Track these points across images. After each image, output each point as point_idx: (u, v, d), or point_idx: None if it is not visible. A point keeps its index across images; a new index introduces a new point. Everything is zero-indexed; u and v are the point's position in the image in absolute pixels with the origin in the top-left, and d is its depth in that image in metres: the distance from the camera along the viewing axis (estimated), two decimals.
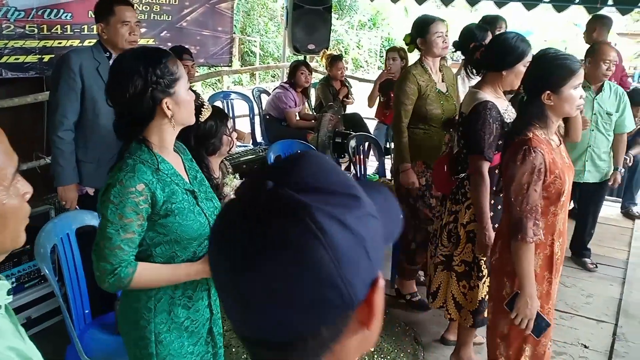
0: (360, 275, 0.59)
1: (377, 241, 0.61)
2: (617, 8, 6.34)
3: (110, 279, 1.65)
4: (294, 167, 0.61)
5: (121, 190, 1.62)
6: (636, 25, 25.04)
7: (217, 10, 5.55)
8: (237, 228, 0.59)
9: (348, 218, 0.58)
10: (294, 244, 0.56)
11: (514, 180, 2.12)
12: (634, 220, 5.55)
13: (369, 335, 0.63)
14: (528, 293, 2.17)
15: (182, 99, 1.71)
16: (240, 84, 15.29)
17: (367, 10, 20.24)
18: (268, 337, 0.60)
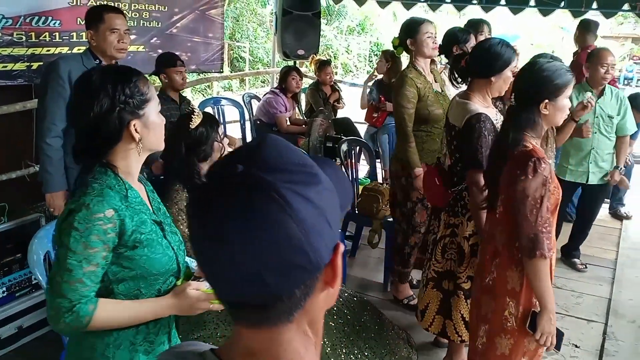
0: (325, 242, 0.67)
1: (335, 211, 0.71)
2: (601, 12, 6.44)
3: (66, 318, 1.44)
4: (258, 150, 0.69)
5: (87, 215, 1.44)
6: (620, 28, 25.29)
7: (208, 17, 5.56)
8: (215, 205, 0.66)
9: (309, 193, 0.66)
10: (267, 218, 0.63)
11: (528, 196, 2.03)
12: (622, 221, 5.61)
13: (332, 293, 0.73)
14: (551, 309, 2.09)
15: (152, 122, 1.55)
16: (230, 89, 15.30)
17: (356, 15, 20.32)
18: (248, 299, 0.68)
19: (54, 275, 1.47)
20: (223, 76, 10.91)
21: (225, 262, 0.66)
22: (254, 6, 17.76)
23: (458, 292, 2.85)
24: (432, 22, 3.56)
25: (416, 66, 3.48)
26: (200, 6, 5.43)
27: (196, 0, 5.38)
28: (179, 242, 1.71)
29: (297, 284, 0.67)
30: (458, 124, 2.73)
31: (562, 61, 2.89)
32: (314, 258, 0.66)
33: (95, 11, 3.04)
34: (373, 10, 16.34)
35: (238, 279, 0.66)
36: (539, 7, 6.56)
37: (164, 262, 1.59)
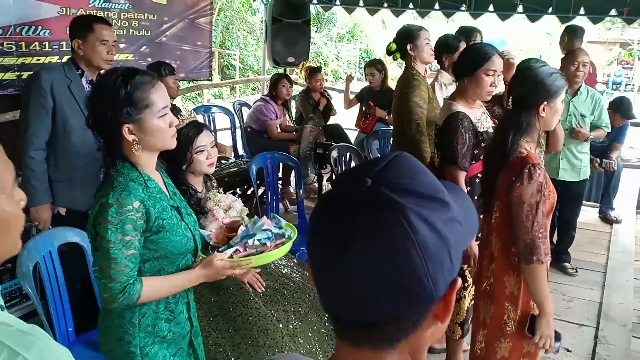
0: (443, 274, 0.65)
1: (459, 245, 0.68)
2: (588, 17, 6.50)
3: (120, 298, 1.67)
4: (390, 167, 0.68)
5: (119, 209, 1.63)
6: (608, 34, 25.51)
7: (196, 25, 5.57)
8: (339, 218, 0.66)
9: (437, 221, 0.64)
10: (390, 239, 0.62)
11: (525, 202, 2.04)
12: (612, 225, 5.63)
13: (440, 328, 0.70)
14: (549, 313, 2.10)
15: (150, 127, 1.69)
16: (221, 97, 15.30)
17: (346, 22, 20.42)
18: (358, 316, 0.67)
19: (100, 264, 1.68)
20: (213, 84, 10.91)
21: (342, 275, 0.66)
22: (244, 14, 17.80)
23: None
24: (427, 30, 3.61)
25: (418, 71, 3.51)
26: (189, 15, 5.44)
27: (185, 9, 5.40)
28: (194, 222, 1.93)
29: (407, 311, 0.66)
30: (439, 123, 2.82)
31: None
32: (429, 287, 0.64)
33: (84, 20, 3.01)
34: (362, 17, 16.39)
35: (351, 294, 0.66)
36: (527, 13, 6.62)
37: (183, 243, 1.80)
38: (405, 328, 0.67)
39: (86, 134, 2.89)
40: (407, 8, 7.15)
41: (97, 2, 4.42)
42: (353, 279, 0.64)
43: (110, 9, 4.55)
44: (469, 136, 2.65)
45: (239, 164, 4.72)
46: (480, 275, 2.37)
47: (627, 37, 25.28)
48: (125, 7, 4.69)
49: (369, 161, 0.71)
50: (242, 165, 4.60)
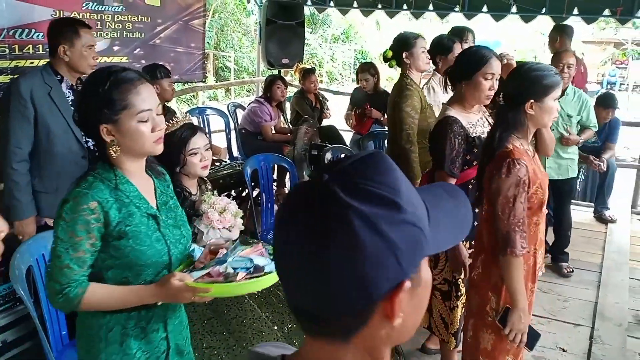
0: (386, 276, 0.65)
1: (413, 248, 0.68)
2: (582, 17, 6.51)
3: (59, 299, 1.60)
4: (354, 165, 0.69)
5: (73, 207, 1.57)
6: (602, 33, 25.62)
7: (190, 27, 5.56)
8: (289, 211, 0.69)
9: (382, 223, 0.64)
10: (328, 237, 0.64)
11: (500, 194, 2.10)
12: (607, 225, 5.64)
13: (399, 330, 0.70)
14: (521, 307, 2.13)
15: (127, 130, 1.61)
16: (216, 99, 15.29)
17: (340, 24, 20.44)
18: (311, 310, 0.69)
19: (49, 260, 1.63)
20: (208, 86, 10.89)
21: (287, 268, 0.69)
22: (238, 16, 17.80)
23: (435, 293, 2.88)
24: (424, 37, 3.58)
25: (413, 78, 3.48)
26: (182, 17, 5.44)
27: (179, 11, 5.39)
28: (180, 236, 1.80)
29: (347, 308, 0.67)
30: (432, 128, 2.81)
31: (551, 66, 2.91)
32: (367, 289, 0.65)
33: (69, 25, 2.91)
34: (357, 18, 16.43)
35: (295, 287, 0.69)
36: (521, 14, 6.62)
37: (149, 254, 1.68)
38: (350, 324, 0.69)
39: (70, 141, 2.89)
40: (401, 9, 7.15)
41: (90, 4, 4.41)
42: (296, 272, 0.68)
43: (103, 12, 4.53)
44: (458, 141, 2.60)
45: (234, 165, 4.71)
46: (472, 266, 2.42)
47: (621, 37, 25.40)
48: (118, 9, 4.67)
49: (345, 156, 0.72)
50: (237, 167, 4.59)
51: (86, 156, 2.90)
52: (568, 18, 6.45)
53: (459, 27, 4.66)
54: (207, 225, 2.44)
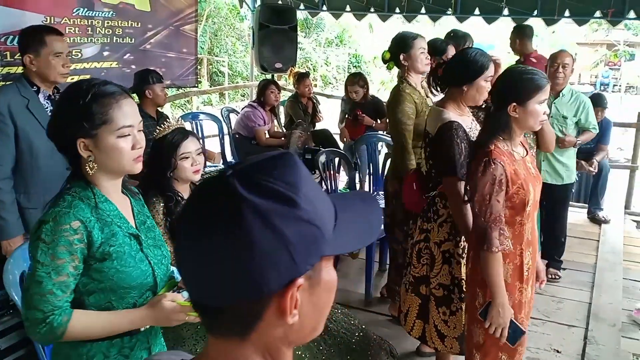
0: (277, 271, 0.66)
1: (308, 246, 0.68)
2: (573, 19, 6.55)
3: (41, 329, 1.47)
4: (257, 163, 0.70)
5: (54, 227, 1.46)
6: (595, 35, 25.72)
7: (182, 33, 5.56)
8: (191, 205, 0.71)
9: (276, 218, 0.65)
10: (218, 227, 0.65)
11: (477, 192, 2.16)
12: (600, 225, 5.64)
13: (297, 329, 0.71)
14: (499, 302, 2.18)
15: (105, 145, 1.52)
16: (210, 104, 15.30)
17: (334, 27, 20.47)
18: (206, 301, 0.70)
19: (27, 287, 1.49)
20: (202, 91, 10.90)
21: (185, 260, 0.70)
22: (232, 21, 17.82)
23: (431, 298, 2.82)
24: (424, 37, 3.51)
25: (410, 81, 3.43)
26: (174, 22, 5.44)
27: (170, 16, 5.39)
28: (161, 257, 1.71)
29: (235, 300, 0.67)
30: (432, 131, 2.75)
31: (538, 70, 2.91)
32: (256, 283, 0.65)
33: (34, 33, 2.80)
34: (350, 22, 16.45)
35: (188, 275, 0.71)
36: (513, 16, 6.65)
37: (135, 275, 1.59)
38: (244, 318, 0.69)
39: (54, 154, 2.76)
40: (394, 13, 7.18)
41: (80, 10, 4.41)
42: (193, 265, 0.69)
43: (94, 17, 4.54)
44: (464, 146, 2.59)
45: None
46: (467, 261, 2.47)
47: (613, 39, 25.52)
48: (109, 14, 4.68)
49: (255, 156, 0.73)
50: None
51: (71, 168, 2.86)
52: (560, 20, 6.50)
53: (460, 32, 4.64)
54: None
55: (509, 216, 2.21)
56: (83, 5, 4.46)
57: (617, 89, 24.27)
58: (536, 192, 2.27)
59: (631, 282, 4.47)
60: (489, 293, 2.24)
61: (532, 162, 2.35)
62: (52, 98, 2.86)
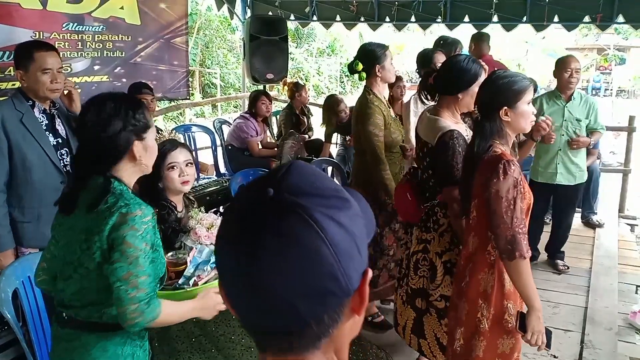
0: (355, 267, 0.67)
1: (363, 238, 0.70)
2: (563, 25, 6.60)
3: (146, 311, 1.66)
4: (288, 174, 0.69)
5: (142, 218, 1.67)
6: (585, 40, 25.89)
7: (172, 45, 5.57)
8: (246, 230, 0.66)
9: (341, 217, 0.66)
10: (301, 242, 0.64)
11: (502, 197, 2.06)
12: (595, 229, 5.66)
13: (358, 321, 0.73)
14: (538, 308, 2.11)
15: (150, 146, 1.81)
16: (203, 116, 15.28)
17: (325, 37, 20.55)
18: (278, 327, 0.68)
19: (124, 275, 1.64)
20: (194, 103, 10.89)
21: (256, 289, 0.66)
22: (223, 32, 17.86)
23: (430, 310, 2.79)
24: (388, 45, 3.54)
25: (375, 92, 3.43)
26: (164, 35, 5.45)
27: (160, 30, 5.40)
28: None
29: (326, 310, 0.67)
30: (430, 141, 2.71)
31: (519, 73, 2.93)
32: (344, 283, 0.66)
33: (24, 49, 2.79)
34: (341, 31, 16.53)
35: (268, 306, 0.66)
36: (502, 23, 6.70)
37: (161, 267, 1.81)
38: (326, 327, 0.68)
39: (47, 168, 2.80)
40: (384, 22, 7.21)
41: (70, 25, 4.41)
42: (268, 290, 0.65)
43: (84, 32, 4.54)
44: (463, 155, 2.55)
45: (221, 182, 4.69)
46: (460, 277, 2.38)
47: (603, 43, 25.71)
48: (99, 29, 4.68)
49: (266, 173, 0.73)
50: (224, 183, 4.58)
51: (65, 181, 2.83)
52: (549, 26, 6.53)
53: (449, 38, 4.67)
54: (194, 241, 2.43)
55: None
56: (73, 20, 4.47)
57: (608, 93, 24.41)
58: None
59: (626, 285, 4.47)
60: (495, 304, 2.19)
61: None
62: (47, 112, 2.86)
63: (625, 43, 26.44)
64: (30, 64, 2.72)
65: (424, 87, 2.95)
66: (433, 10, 6.87)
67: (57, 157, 2.82)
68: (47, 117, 2.86)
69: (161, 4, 5.42)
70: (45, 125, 2.83)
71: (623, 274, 4.66)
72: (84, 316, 1.77)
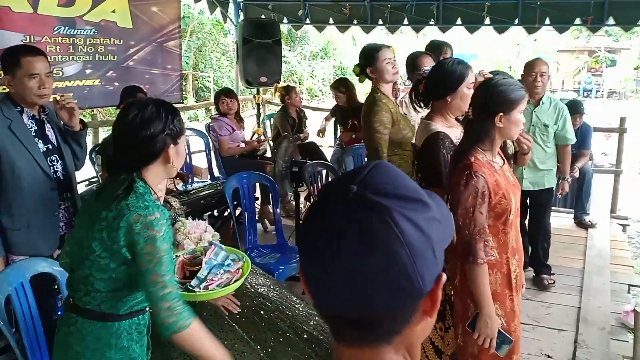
0: (429, 270, 0.69)
1: (441, 242, 0.72)
2: (554, 27, 6.64)
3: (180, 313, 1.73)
4: (372, 174, 0.72)
5: (160, 221, 1.74)
6: (576, 42, 26.02)
7: (165, 49, 5.57)
8: (330, 224, 0.70)
9: (420, 220, 0.69)
10: (379, 240, 0.67)
11: (460, 205, 2.15)
12: (587, 230, 5.68)
13: (430, 323, 0.75)
14: (487, 313, 2.19)
15: (181, 151, 1.91)
16: (197, 119, 15.25)
17: (318, 40, 20.56)
18: (352, 315, 0.70)
19: (153, 278, 1.71)
20: (188, 106, 10.88)
21: (336, 276, 0.69)
22: (216, 36, 17.84)
23: None
24: (389, 46, 3.51)
25: (383, 91, 3.43)
26: (157, 38, 5.45)
27: (153, 33, 5.40)
28: None
29: (399, 307, 0.70)
30: (419, 144, 2.75)
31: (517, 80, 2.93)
32: (417, 284, 0.68)
33: (11, 54, 2.76)
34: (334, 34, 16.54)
35: (346, 294, 0.69)
36: (494, 25, 6.74)
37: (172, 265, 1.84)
38: (398, 324, 0.71)
39: (36, 174, 2.76)
40: (377, 24, 7.23)
41: (61, 29, 4.41)
42: (348, 281, 0.68)
43: (75, 35, 4.54)
44: (450, 156, 2.56)
45: (215, 185, 4.68)
46: (453, 274, 2.41)
47: (594, 45, 25.85)
48: (90, 32, 4.68)
49: (352, 170, 0.75)
50: (218, 187, 4.57)
51: (55, 188, 2.81)
52: (540, 28, 6.58)
53: (438, 41, 4.66)
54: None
55: (493, 226, 2.23)
56: (64, 23, 4.46)
57: (599, 94, 24.53)
58: (517, 200, 2.29)
59: (619, 285, 4.51)
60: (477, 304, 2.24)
61: (510, 171, 2.37)
62: (36, 118, 2.82)
63: (616, 45, 26.59)
64: (17, 70, 2.68)
65: (416, 96, 2.95)
66: (426, 13, 6.90)
67: (47, 164, 2.78)
68: (37, 123, 2.82)
69: (153, 7, 5.42)
70: (34, 131, 2.79)
71: (615, 274, 4.69)
72: (85, 302, 1.83)
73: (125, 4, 5.03)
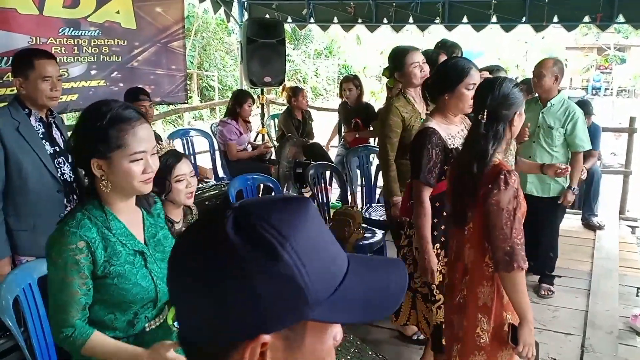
0: (242, 323, 0.64)
1: (282, 304, 0.63)
2: (562, 25, 6.57)
3: (63, 342, 1.66)
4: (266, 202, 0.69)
5: (62, 247, 1.60)
6: (585, 39, 25.86)
7: (170, 49, 5.56)
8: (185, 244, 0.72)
9: (253, 268, 0.62)
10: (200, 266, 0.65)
11: (503, 208, 2.03)
12: (595, 231, 5.63)
13: None
14: (530, 320, 2.09)
15: (118, 169, 1.63)
16: (201, 119, 15.27)
17: (323, 39, 20.53)
18: (200, 343, 0.68)
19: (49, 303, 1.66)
20: (192, 106, 10.88)
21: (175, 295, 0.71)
22: (220, 35, 17.85)
23: (417, 295, 2.97)
24: (418, 49, 3.49)
25: (406, 95, 3.43)
26: (161, 39, 5.44)
27: (157, 34, 5.39)
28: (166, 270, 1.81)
29: (208, 343, 0.67)
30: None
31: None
32: (219, 329, 0.65)
33: (24, 57, 2.80)
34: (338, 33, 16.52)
35: (190, 317, 0.69)
36: (501, 23, 6.67)
37: (134, 292, 1.70)
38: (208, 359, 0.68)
39: (43, 176, 2.79)
40: (382, 23, 7.18)
41: (67, 30, 4.40)
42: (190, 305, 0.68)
43: (80, 37, 4.53)
44: (436, 152, 2.61)
45: (220, 186, 4.67)
46: (453, 289, 2.34)
47: (603, 42, 25.69)
48: (95, 33, 4.67)
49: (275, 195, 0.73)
50: (223, 188, 4.56)
51: (61, 190, 2.83)
52: (548, 26, 6.51)
53: (448, 42, 4.60)
54: None
55: None
56: (69, 25, 4.46)
57: (609, 92, 24.40)
58: None
59: (627, 288, 4.45)
60: (495, 316, 2.15)
61: None
62: (44, 121, 2.85)
63: (626, 42, 26.38)
64: (30, 72, 2.72)
65: (422, 92, 3.00)
66: (431, 11, 6.84)
67: (53, 166, 2.81)
68: (44, 125, 2.85)
69: (157, 8, 5.41)
70: (41, 133, 2.83)
71: (624, 277, 4.63)
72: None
73: (129, 5, 5.03)
